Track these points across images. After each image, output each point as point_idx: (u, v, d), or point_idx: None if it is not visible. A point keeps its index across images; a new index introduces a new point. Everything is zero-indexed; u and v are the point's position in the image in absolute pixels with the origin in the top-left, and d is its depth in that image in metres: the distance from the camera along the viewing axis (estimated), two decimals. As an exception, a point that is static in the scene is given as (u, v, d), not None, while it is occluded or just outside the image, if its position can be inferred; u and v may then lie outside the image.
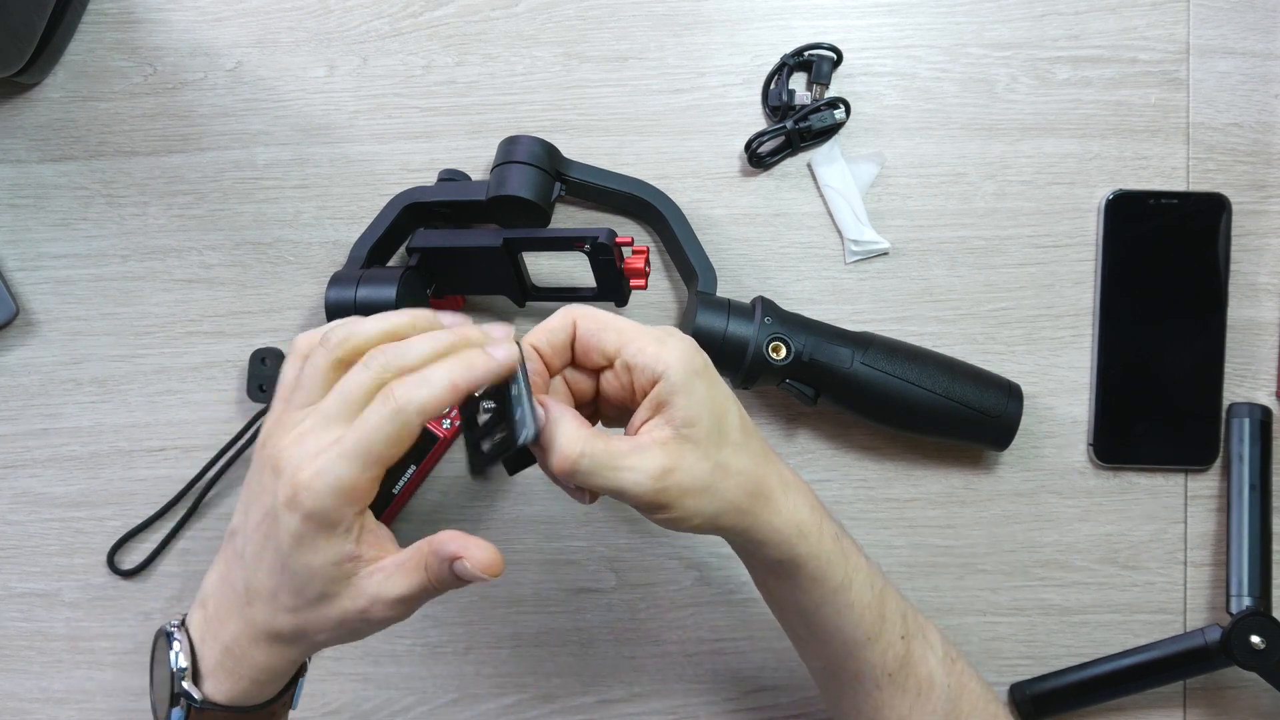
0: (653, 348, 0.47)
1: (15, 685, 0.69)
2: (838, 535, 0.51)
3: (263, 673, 0.47)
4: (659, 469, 0.46)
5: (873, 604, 0.52)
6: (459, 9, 0.69)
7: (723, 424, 0.48)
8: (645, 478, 0.45)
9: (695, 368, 0.47)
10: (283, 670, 0.48)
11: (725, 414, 0.48)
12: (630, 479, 0.45)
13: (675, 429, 0.46)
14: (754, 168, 0.68)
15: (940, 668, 0.53)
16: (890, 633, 0.52)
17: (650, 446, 0.46)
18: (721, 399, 0.48)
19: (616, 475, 0.45)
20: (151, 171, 0.69)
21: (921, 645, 0.53)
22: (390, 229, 0.66)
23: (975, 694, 0.55)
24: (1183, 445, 0.67)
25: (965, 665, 0.55)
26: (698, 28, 0.68)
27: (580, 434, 0.46)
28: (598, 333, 0.48)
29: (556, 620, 0.68)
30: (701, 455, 0.47)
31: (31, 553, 0.69)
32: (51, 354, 0.69)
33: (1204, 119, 0.67)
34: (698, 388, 0.47)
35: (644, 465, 0.46)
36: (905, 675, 0.53)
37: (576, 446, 0.45)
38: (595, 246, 0.61)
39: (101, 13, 0.69)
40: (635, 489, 0.46)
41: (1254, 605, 0.63)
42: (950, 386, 0.62)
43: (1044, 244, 0.67)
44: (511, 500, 0.68)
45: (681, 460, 0.46)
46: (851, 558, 0.51)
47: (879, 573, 0.53)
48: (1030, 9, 0.67)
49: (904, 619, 0.53)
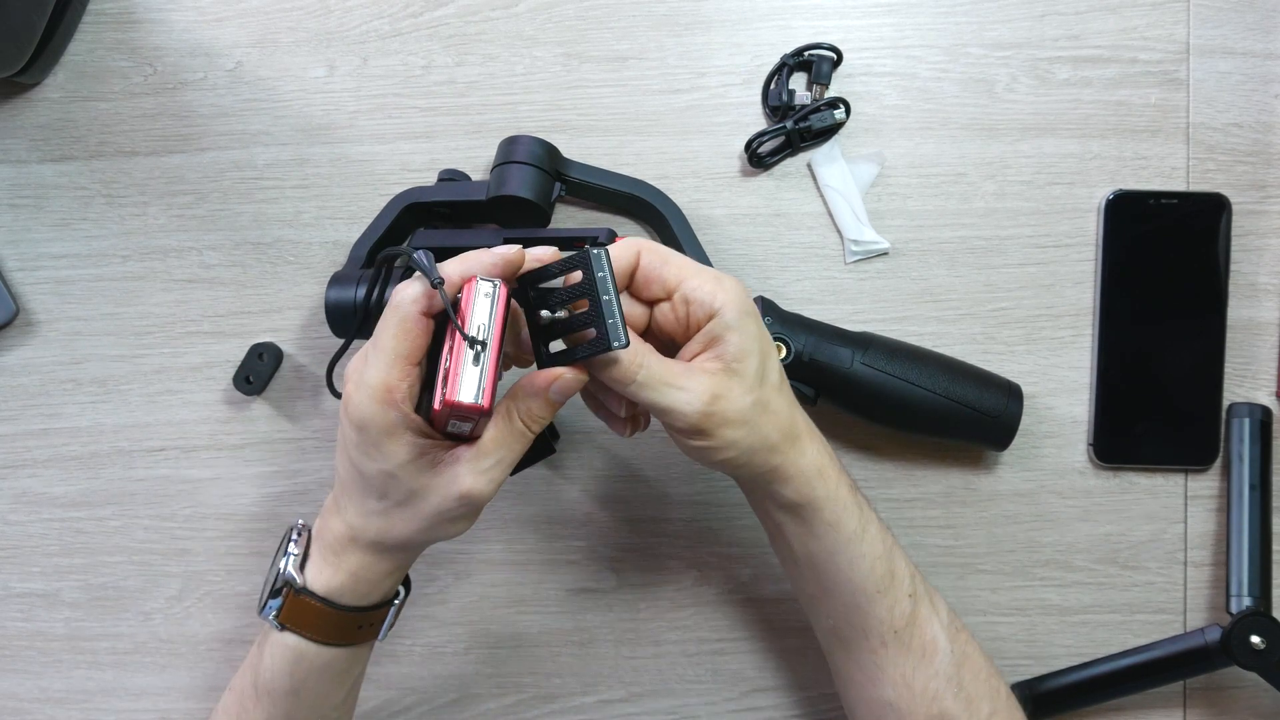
0: (710, 284, 0.49)
1: (15, 685, 0.69)
2: (853, 487, 0.54)
3: (358, 573, 0.51)
4: (709, 394, 0.48)
5: (884, 557, 0.53)
6: (459, 9, 0.69)
7: (766, 365, 0.50)
8: (696, 399, 0.47)
9: (748, 309, 0.49)
10: (377, 576, 0.51)
11: (769, 356, 0.50)
12: (683, 399, 0.47)
13: (725, 363, 0.48)
14: (754, 168, 0.68)
15: (944, 633, 0.54)
16: (899, 589, 0.53)
17: (702, 373, 0.48)
18: (767, 343, 0.50)
19: (670, 393, 0.47)
20: (151, 171, 0.69)
21: (928, 608, 0.54)
22: (390, 229, 0.66)
23: (978, 664, 0.56)
24: (1183, 445, 0.67)
25: (970, 637, 0.56)
26: (698, 28, 0.68)
27: (640, 347, 0.48)
28: (659, 266, 0.49)
29: (556, 620, 0.68)
30: (746, 390, 0.49)
31: (31, 553, 0.69)
32: (51, 354, 0.69)
33: (1204, 119, 0.67)
34: (750, 327, 0.49)
35: (696, 387, 0.48)
36: (911, 634, 0.53)
37: (636, 358, 0.47)
38: (595, 246, 0.61)
39: (101, 13, 0.69)
40: (685, 408, 0.47)
41: (1254, 605, 0.63)
42: (950, 387, 0.62)
43: (1044, 244, 0.67)
44: (511, 500, 0.68)
45: (730, 391, 0.48)
46: (865, 510, 0.54)
47: (889, 532, 0.55)
48: (1030, 9, 0.67)
49: (912, 579, 0.54)
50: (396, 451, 0.47)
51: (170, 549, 0.69)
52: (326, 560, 0.51)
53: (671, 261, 0.49)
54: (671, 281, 0.49)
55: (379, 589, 0.52)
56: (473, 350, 0.45)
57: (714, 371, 0.48)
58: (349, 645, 0.53)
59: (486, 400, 0.45)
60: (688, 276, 0.49)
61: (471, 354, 0.45)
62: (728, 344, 0.48)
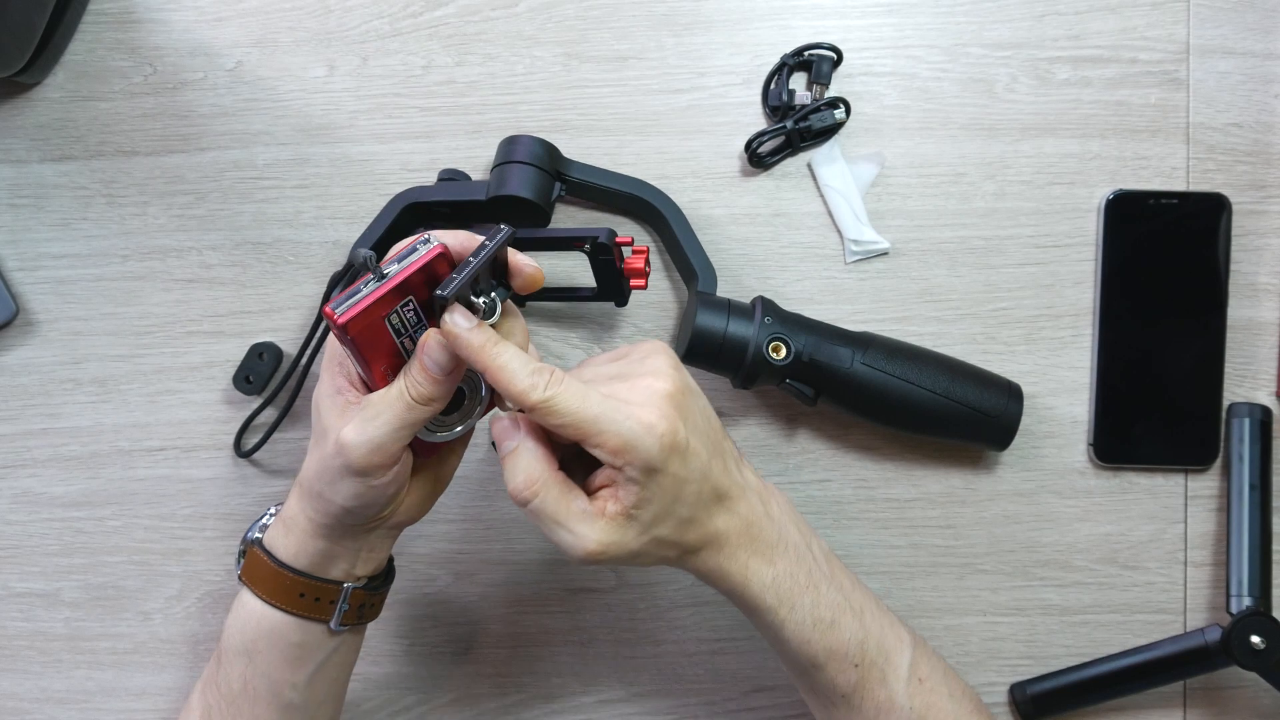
0: (613, 443, 0.46)
1: (15, 685, 0.69)
2: (775, 580, 0.52)
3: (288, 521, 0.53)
4: (595, 542, 0.48)
5: (814, 640, 0.53)
6: (459, 9, 0.69)
7: (676, 504, 0.49)
8: (579, 545, 0.48)
9: (653, 464, 0.47)
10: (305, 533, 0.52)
11: (679, 496, 0.49)
12: (568, 540, 0.48)
13: (623, 508, 0.48)
14: (754, 168, 0.68)
15: (903, 691, 0.54)
16: (837, 663, 0.53)
17: (597, 519, 0.48)
18: (684, 474, 0.48)
19: (558, 531, 0.48)
20: (151, 171, 0.69)
21: (878, 674, 0.54)
22: (390, 229, 0.66)
23: (943, 713, 0.55)
24: (1183, 445, 0.67)
25: (937, 684, 0.56)
26: (698, 28, 0.68)
27: (540, 473, 0.48)
28: (561, 429, 0.47)
29: (556, 620, 0.68)
30: (640, 532, 0.49)
31: (31, 553, 0.69)
32: (51, 354, 0.69)
33: (1204, 119, 0.67)
34: (655, 481, 0.47)
35: (587, 534, 0.48)
36: (860, 698, 0.54)
37: (534, 485, 0.48)
38: (595, 246, 0.61)
39: (101, 13, 0.69)
40: (569, 550, 0.48)
41: (1254, 605, 0.63)
42: (950, 386, 0.62)
43: (1044, 244, 0.67)
44: (511, 500, 0.68)
45: (622, 535, 0.48)
46: (789, 598, 0.52)
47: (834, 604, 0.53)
48: (1030, 9, 0.67)
49: (861, 647, 0.53)
50: (325, 381, 0.50)
51: (170, 549, 0.69)
52: (279, 516, 0.54)
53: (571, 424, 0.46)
54: (578, 438, 0.47)
55: (309, 551, 0.52)
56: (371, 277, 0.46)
57: (611, 516, 0.48)
58: (296, 615, 0.53)
59: (344, 317, 0.45)
60: (588, 437, 0.46)
61: (372, 281, 0.45)
62: (628, 493, 0.48)
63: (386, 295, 0.46)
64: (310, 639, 0.54)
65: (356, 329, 0.45)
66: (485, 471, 0.68)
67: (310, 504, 0.51)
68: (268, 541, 0.53)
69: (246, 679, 0.54)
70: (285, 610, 0.53)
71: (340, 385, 0.49)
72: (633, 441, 0.46)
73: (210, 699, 0.55)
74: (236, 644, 0.54)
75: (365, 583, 0.54)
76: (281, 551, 0.53)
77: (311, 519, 0.52)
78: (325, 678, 0.56)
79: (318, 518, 0.51)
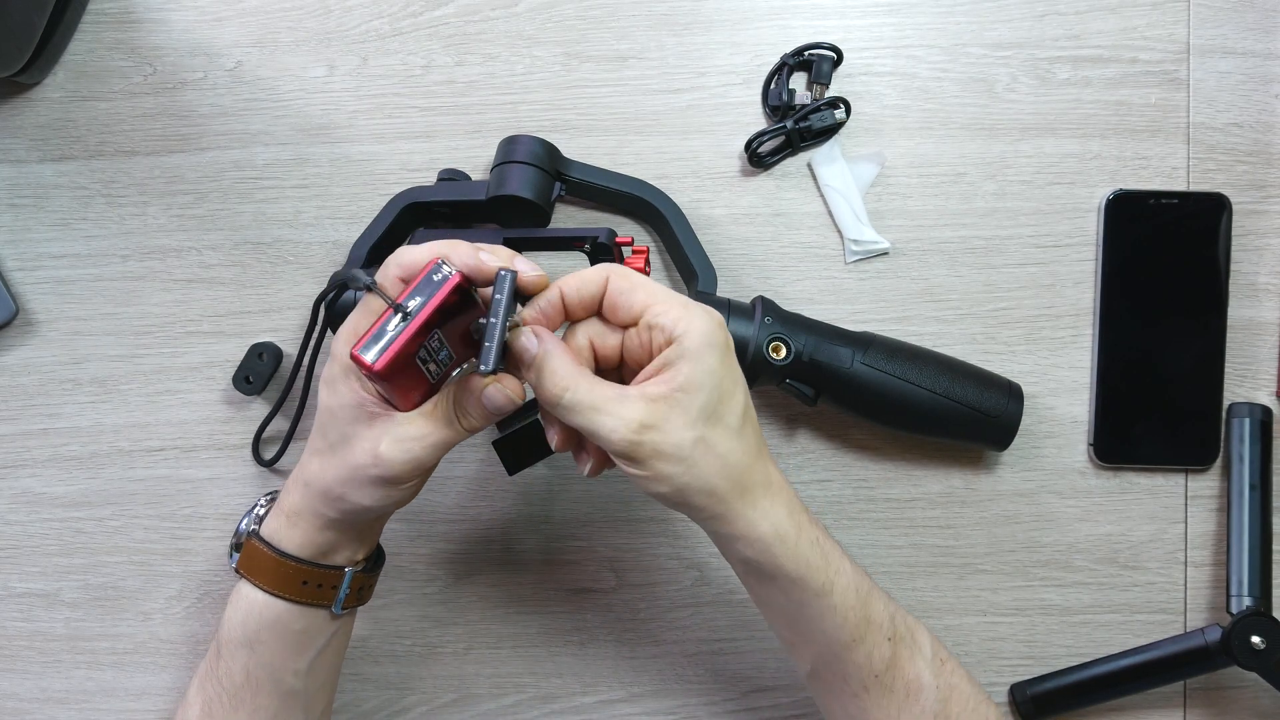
0: (676, 311, 0.47)
1: (15, 685, 0.69)
2: (818, 540, 0.51)
3: (293, 515, 0.52)
4: (638, 422, 0.46)
5: (856, 606, 0.51)
6: (459, 9, 0.69)
7: (723, 403, 0.48)
8: (622, 426, 0.46)
9: (714, 342, 0.47)
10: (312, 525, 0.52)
11: (729, 395, 0.48)
12: (608, 424, 0.46)
13: (671, 389, 0.46)
14: (754, 168, 0.68)
15: (929, 669, 0.53)
16: (875, 635, 0.52)
17: (636, 399, 0.47)
18: (731, 381, 0.48)
19: (596, 418, 0.46)
20: (151, 171, 0.69)
21: (909, 647, 0.53)
22: (390, 229, 0.66)
23: (966, 695, 0.55)
24: (1183, 445, 0.67)
25: (956, 666, 0.55)
26: (698, 28, 0.68)
27: (570, 370, 0.47)
28: (627, 291, 0.48)
29: (556, 620, 0.68)
30: (688, 424, 0.46)
31: (31, 553, 0.69)
32: (51, 354, 0.69)
33: (1204, 119, 0.67)
34: (708, 359, 0.47)
35: (624, 414, 0.46)
36: (892, 677, 0.52)
37: (563, 381, 0.47)
38: (595, 246, 0.61)
39: (101, 13, 0.69)
40: (609, 435, 0.46)
41: (1254, 605, 0.63)
42: (950, 386, 0.62)
43: (1044, 244, 0.67)
44: (511, 500, 0.68)
45: (666, 421, 0.46)
46: (834, 562, 0.51)
47: (864, 576, 0.53)
48: (1030, 9, 0.67)
49: (891, 621, 0.53)
50: (343, 392, 0.49)
51: (170, 549, 0.69)
52: (278, 508, 0.54)
53: (640, 287, 0.48)
54: (637, 307, 0.48)
55: (316, 543, 0.53)
56: (397, 316, 0.46)
57: (654, 399, 0.46)
58: (299, 603, 0.53)
59: (381, 364, 0.45)
60: (653, 303, 0.47)
61: (396, 319, 0.45)
62: (678, 372, 0.46)
63: (415, 335, 0.46)
64: (313, 625, 0.54)
65: (390, 373, 0.46)
66: (485, 471, 0.68)
67: (323, 502, 0.51)
68: (267, 533, 0.54)
69: (249, 670, 0.54)
70: (288, 599, 0.53)
71: (362, 399, 0.49)
72: (693, 311, 0.47)
73: (210, 692, 0.55)
74: (238, 636, 0.54)
75: (363, 565, 0.56)
76: (286, 543, 0.53)
77: (322, 514, 0.52)
78: (324, 663, 0.56)
79: (331, 514, 0.52)
